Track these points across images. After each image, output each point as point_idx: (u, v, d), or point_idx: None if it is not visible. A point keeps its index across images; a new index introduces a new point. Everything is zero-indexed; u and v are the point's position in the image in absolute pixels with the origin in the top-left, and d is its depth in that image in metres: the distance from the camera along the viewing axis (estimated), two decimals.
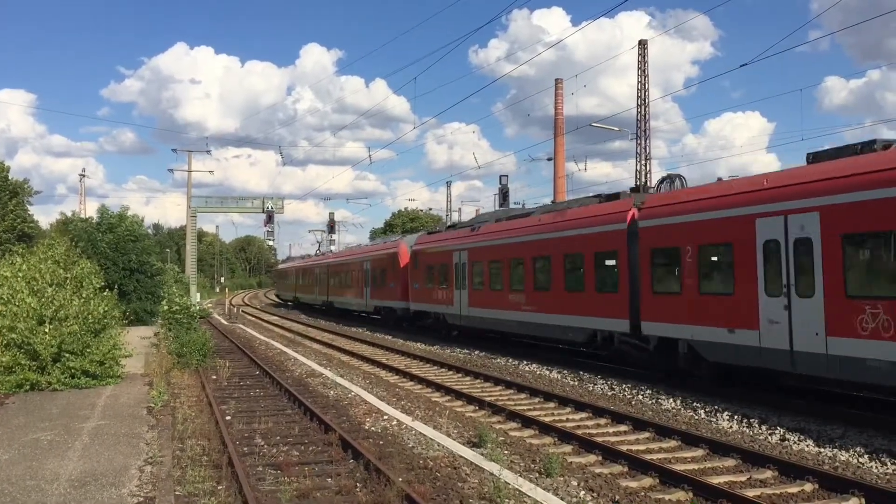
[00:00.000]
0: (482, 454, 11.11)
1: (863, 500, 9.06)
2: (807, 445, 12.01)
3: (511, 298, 25.09)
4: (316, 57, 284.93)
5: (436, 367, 22.88)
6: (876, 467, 10.74)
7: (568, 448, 12.12)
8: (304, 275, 64.94)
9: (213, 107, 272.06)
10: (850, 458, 11.17)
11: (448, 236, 32.17)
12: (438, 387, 18.52)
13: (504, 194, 58.78)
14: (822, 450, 11.71)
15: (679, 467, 10.61)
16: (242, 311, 60.71)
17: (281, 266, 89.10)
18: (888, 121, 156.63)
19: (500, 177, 59.62)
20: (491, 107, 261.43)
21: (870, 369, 12.18)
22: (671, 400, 15.91)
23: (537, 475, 10.18)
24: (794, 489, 9.63)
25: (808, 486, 9.68)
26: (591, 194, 26.77)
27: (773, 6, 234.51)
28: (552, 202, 33.99)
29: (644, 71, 49.30)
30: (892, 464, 10.76)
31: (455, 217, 79.16)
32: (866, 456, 11.21)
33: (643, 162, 49.38)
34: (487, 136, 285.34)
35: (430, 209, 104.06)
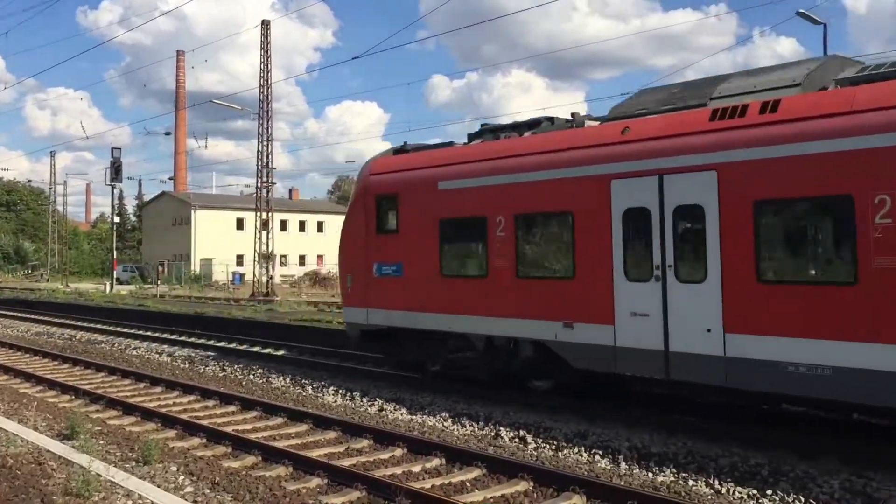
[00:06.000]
0: (74, 446, 10.29)
1: (444, 460, 10.05)
2: (401, 414, 13.02)
3: None
4: None
5: (28, 355, 20.66)
6: (457, 430, 11.99)
7: (171, 433, 11.72)
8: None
9: None
10: (437, 423, 12.35)
11: None
12: (29, 376, 16.74)
13: (116, 168, 54.74)
14: (413, 417, 12.78)
15: (282, 444, 10.83)
16: None
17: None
18: (483, 118, 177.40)
19: (112, 149, 55.29)
20: (103, 74, 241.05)
21: None
22: (281, 378, 16.22)
23: (134, 464, 9.71)
24: (385, 455, 10.37)
25: (398, 451, 10.49)
26: None
27: (386, 3, 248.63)
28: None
29: (267, 51, 49.31)
30: (469, 426, 12.10)
31: (60, 191, 71.97)
32: (450, 420, 12.48)
33: (265, 142, 49.49)
34: (99, 105, 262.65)
35: (30, 181, 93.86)
